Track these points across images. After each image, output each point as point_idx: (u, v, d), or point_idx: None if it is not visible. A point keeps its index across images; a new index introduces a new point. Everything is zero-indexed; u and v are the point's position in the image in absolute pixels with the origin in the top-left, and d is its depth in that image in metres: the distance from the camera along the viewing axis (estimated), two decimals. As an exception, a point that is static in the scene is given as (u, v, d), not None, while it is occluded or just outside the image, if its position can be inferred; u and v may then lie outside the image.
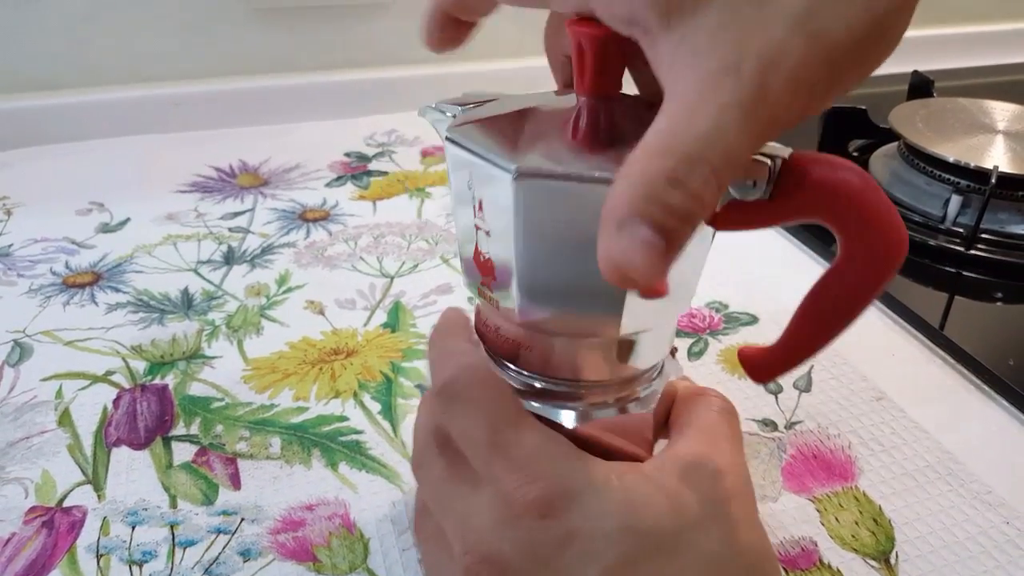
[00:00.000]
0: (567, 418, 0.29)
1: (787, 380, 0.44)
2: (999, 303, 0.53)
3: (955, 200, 0.56)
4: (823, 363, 0.45)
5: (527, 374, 0.29)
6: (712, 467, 0.26)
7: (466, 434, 0.26)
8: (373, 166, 0.68)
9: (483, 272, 0.28)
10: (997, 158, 0.57)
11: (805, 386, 0.44)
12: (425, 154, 0.70)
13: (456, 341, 0.29)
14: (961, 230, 0.56)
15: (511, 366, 0.29)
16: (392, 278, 0.52)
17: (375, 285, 0.51)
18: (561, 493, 0.24)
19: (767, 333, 0.48)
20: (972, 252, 0.55)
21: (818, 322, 0.26)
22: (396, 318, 0.48)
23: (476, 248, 0.28)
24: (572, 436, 0.27)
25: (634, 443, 0.29)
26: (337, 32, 0.76)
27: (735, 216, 0.25)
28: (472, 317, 0.31)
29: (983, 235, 0.56)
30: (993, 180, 0.54)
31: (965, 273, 0.55)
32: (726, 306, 0.50)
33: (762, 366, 0.28)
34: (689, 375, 0.32)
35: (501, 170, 0.24)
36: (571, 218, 0.24)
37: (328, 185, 0.64)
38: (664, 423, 0.30)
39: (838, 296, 0.25)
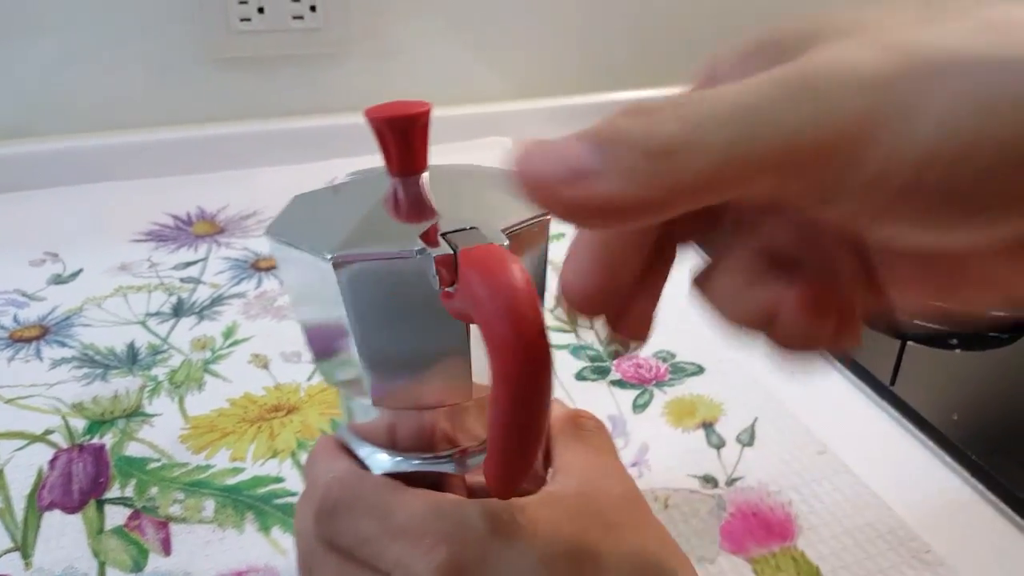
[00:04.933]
0: (449, 467, 0.29)
1: (730, 434, 0.44)
2: (955, 350, 0.53)
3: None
4: (767, 415, 0.45)
5: (407, 456, 0.29)
6: (605, 481, 0.28)
7: (358, 537, 0.26)
8: (332, 212, 0.68)
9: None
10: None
11: (748, 440, 0.44)
12: (385, 199, 0.71)
13: (325, 463, 0.29)
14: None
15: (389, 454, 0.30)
16: (341, 330, 0.52)
17: (323, 337, 0.51)
18: (469, 544, 0.24)
19: (713, 384, 0.48)
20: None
21: (499, 431, 0.23)
22: (341, 372, 0.48)
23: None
24: (460, 483, 0.28)
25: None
26: (298, 79, 0.76)
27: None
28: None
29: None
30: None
31: (917, 320, 0.55)
32: (673, 355, 0.50)
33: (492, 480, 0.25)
34: (634, 428, 0.32)
35: (319, 258, 0.25)
36: (393, 292, 0.25)
37: (285, 232, 0.64)
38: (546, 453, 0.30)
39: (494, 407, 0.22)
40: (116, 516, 0.38)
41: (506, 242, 0.24)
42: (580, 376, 0.48)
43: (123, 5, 0.69)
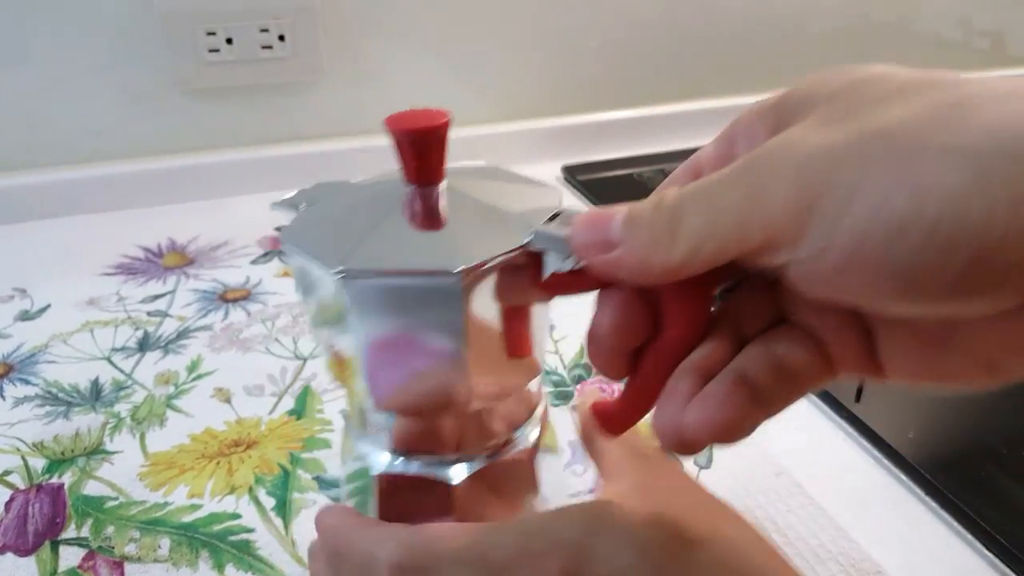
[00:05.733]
0: (453, 476, 0.30)
1: (689, 457, 0.44)
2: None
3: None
4: (727, 437, 0.45)
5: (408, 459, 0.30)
6: (679, 478, 0.31)
7: None
8: (302, 240, 0.68)
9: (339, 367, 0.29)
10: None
11: (706, 463, 0.44)
12: (356, 225, 0.71)
13: (363, 536, 0.28)
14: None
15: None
16: (305, 360, 0.52)
17: (287, 368, 0.51)
18: (572, 550, 0.25)
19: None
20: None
21: (648, 382, 0.25)
22: (304, 404, 0.48)
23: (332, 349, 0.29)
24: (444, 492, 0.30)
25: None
26: (270, 108, 0.77)
27: (558, 286, 0.26)
28: None
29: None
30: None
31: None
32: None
33: (613, 419, 0.27)
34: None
35: (327, 271, 0.25)
36: (400, 306, 0.26)
37: (254, 262, 0.65)
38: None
39: (663, 349, 0.25)
40: (70, 557, 0.38)
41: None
42: (541, 402, 0.48)
43: (92, 38, 0.69)
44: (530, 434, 0.32)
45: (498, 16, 0.82)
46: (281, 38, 0.72)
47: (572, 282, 0.26)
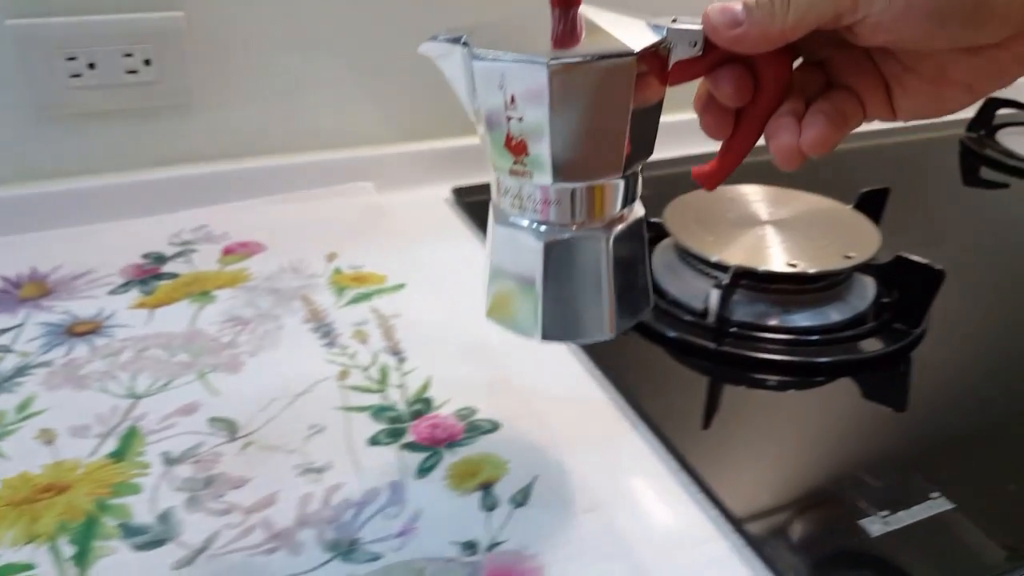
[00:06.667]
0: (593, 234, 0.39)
1: (506, 494, 0.44)
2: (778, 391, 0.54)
3: (714, 294, 0.57)
4: (550, 473, 0.46)
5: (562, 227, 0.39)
6: None
7: None
8: (167, 268, 0.67)
9: (516, 152, 0.37)
10: (754, 251, 0.60)
11: (522, 500, 0.44)
12: (227, 252, 0.70)
13: None
14: (718, 325, 0.57)
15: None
16: (138, 399, 0.51)
17: (117, 407, 0.50)
18: None
19: (505, 441, 0.48)
20: (723, 348, 0.56)
21: (747, 133, 0.38)
22: (126, 445, 0.47)
23: (508, 135, 0.36)
24: None
25: None
26: (138, 132, 0.75)
27: (680, 73, 0.37)
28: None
29: (734, 330, 0.57)
30: (727, 279, 0.56)
31: (720, 368, 0.56)
32: (474, 412, 0.51)
33: (711, 175, 0.41)
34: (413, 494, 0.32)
35: (535, 64, 0.33)
36: (589, 91, 0.35)
37: (112, 292, 0.64)
38: None
39: (759, 107, 0.37)
40: None
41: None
42: (373, 441, 0.48)
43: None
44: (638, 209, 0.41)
45: (381, 37, 0.82)
46: (147, 62, 0.71)
47: (693, 67, 0.37)
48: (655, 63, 0.36)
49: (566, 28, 0.36)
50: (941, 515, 0.43)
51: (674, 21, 0.36)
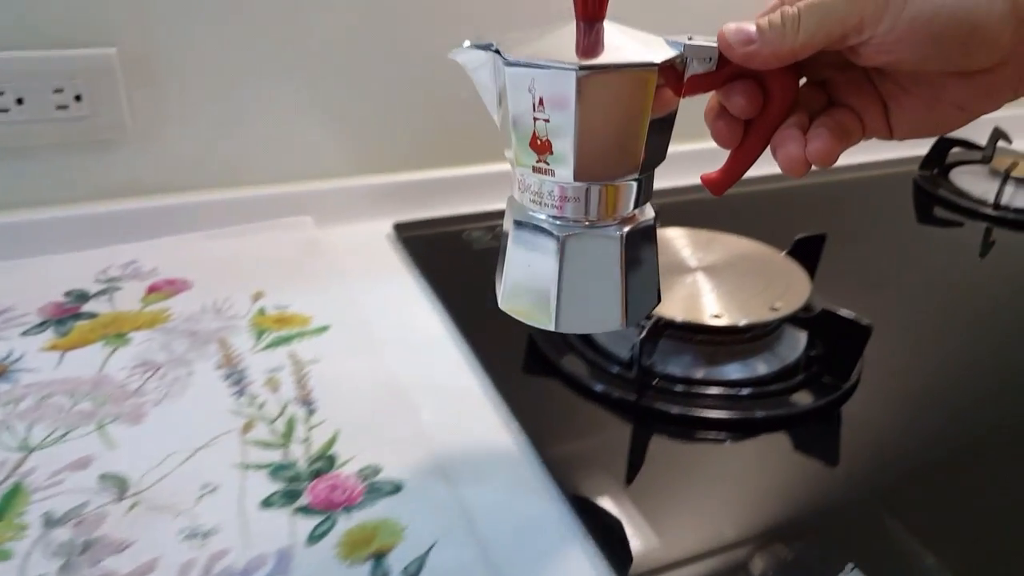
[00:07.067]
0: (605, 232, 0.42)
1: (400, 564, 0.42)
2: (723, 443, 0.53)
3: (636, 345, 0.56)
4: (451, 539, 0.44)
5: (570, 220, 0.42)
6: None
7: None
8: (88, 307, 0.66)
9: (540, 151, 0.40)
10: (681, 300, 0.58)
11: (416, 570, 0.42)
12: (152, 290, 0.69)
13: None
14: (639, 377, 0.56)
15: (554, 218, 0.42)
16: (30, 451, 0.49)
17: (7, 461, 0.48)
18: None
19: (406, 505, 0.46)
20: (641, 403, 0.54)
21: (755, 142, 0.42)
22: (6, 505, 0.45)
23: (534, 135, 0.39)
24: None
25: None
26: (69, 167, 0.74)
27: (694, 86, 0.40)
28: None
29: (656, 383, 0.56)
30: (645, 330, 0.54)
31: (641, 424, 0.55)
32: (378, 471, 0.49)
33: (719, 181, 0.44)
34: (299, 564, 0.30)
35: (565, 70, 0.37)
36: (612, 98, 0.38)
37: (26, 332, 0.62)
38: None
39: (768, 119, 0.41)
40: None
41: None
42: (267, 503, 0.46)
43: None
44: (649, 210, 0.44)
45: (319, 70, 0.81)
46: (77, 98, 0.70)
47: (707, 81, 0.40)
48: (672, 75, 0.39)
49: (591, 40, 0.39)
50: (846, 592, 0.41)
51: (690, 39, 0.39)
